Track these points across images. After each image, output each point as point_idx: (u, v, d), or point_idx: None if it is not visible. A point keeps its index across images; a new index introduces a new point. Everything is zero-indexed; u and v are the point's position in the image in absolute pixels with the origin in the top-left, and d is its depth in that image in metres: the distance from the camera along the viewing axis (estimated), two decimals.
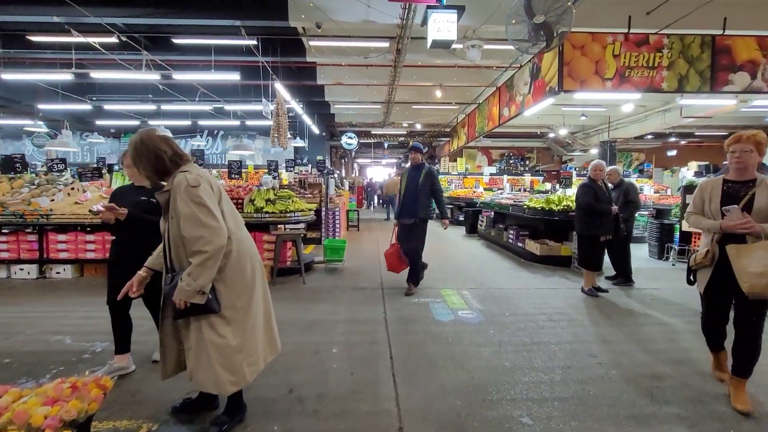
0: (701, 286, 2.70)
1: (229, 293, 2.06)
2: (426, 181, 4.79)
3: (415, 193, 4.80)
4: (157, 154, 2.03)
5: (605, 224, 4.87)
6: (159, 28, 7.33)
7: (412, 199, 4.82)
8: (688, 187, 7.45)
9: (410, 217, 4.86)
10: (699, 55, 6.81)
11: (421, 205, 4.80)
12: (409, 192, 4.86)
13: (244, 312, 2.11)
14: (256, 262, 2.23)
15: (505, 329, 3.78)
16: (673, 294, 5.09)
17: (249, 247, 2.19)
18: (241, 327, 2.09)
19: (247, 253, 2.15)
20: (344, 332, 3.67)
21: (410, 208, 4.85)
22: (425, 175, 4.80)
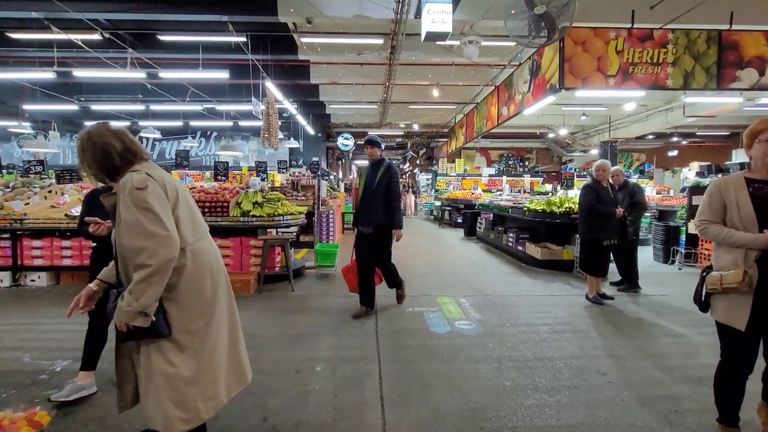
0: (724, 316, 2.07)
1: (182, 315, 1.76)
2: (383, 180, 4.03)
3: (372, 195, 4.01)
4: (104, 150, 1.74)
5: (609, 227, 4.60)
6: (144, 24, 7.05)
7: (369, 202, 4.04)
8: (695, 188, 7.21)
9: (367, 225, 4.06)
10: (705, 50, 6.56)
11: (379, 210, 4.01)
12: (365, 194, 4.08)
13: (201, 337, 1.81)
14: (220, 278, 1.93)
15: (505, 342, 3.49)
16: (682, 301, 4.81)
17: (210, 259, 1.89)
18: (196, 355, 1.79)
19: (206, 268, 1.85)
20: (331, 347, 3.38)
21: (367, 214, 4.05)
22: (383, 173, 4.03)
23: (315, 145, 16.26)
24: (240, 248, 5.41)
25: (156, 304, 1.64)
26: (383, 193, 4.02)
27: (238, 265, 5.42)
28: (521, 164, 20.72)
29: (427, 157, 23.71)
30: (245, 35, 7.22)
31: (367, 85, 10.42)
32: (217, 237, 5.43)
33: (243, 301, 4.66)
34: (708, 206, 2.14)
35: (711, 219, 2.12)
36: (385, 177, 4.03)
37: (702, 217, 2.16)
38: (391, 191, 4.04)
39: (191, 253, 1.80)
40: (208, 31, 7.12)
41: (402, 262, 7.15)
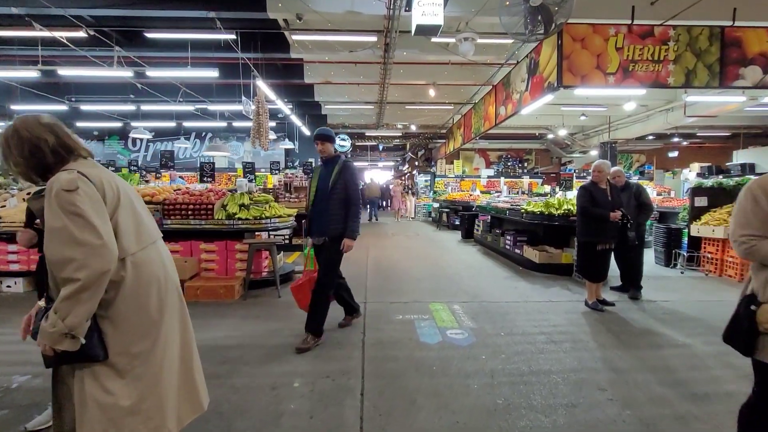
0: None
1: (120, 335, 1.55)
2: (339, 181, 3.38)
3: (325, 198, 3.39)
4: (34, 145, 1.53)
5: (605, 231, 4.38)
6: (129, 21, 6.85)
7: (322, 207, 3.41)
8: (697, 188, 7.00)
9: (319, 234, 3.43)
10: (707, 47, 6.36)
11: (333, 217, 3.36)
12: (318, 198, 3.46)
13: (143, 360, 1.59)
14: (168, 292, 1.71)
15: (499, 354, 3.27)
16: (686, 307, 4.60)
17: (157, 272, 1.67)
18: (138, 380, 1.57)
19: (151, 281, 1.63)
20: (312, 359, 3.16)
21: (320, 221, 3.42)
22: (338, 173, 3.39)
23: (311, 146, 16.00)
24: (225, 252, 5.20)
25: (86, 325, 1.42)
26: (339, 196, 3.39)
27: (223, 270, 5.21)
28: (520, 165, 20.52)
29: (426, 159, 23.52)
30: (235, 32, 7.03)
31: (363, 84, 10.21)
32: (201, 241, 5.24)
33: (225, 308, 4.45)
34: (753, 215, 1.58)
35: (761, 233, 1.56)
36: (342, 177, 3.39)
37: (745, 231, 1.59)
38: (350, 195, 3.41)
39: (133, 265, 1.58)
40: (196, 28, 6.92)
41: (397, 265, 6.97)
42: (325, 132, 3.49)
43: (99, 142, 15.61)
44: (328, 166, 3.47)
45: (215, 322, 4.02)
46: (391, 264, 7.10)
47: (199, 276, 5.12)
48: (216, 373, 2.88)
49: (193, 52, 7.50)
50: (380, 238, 10.64)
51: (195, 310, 4.40)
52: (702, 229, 6.48)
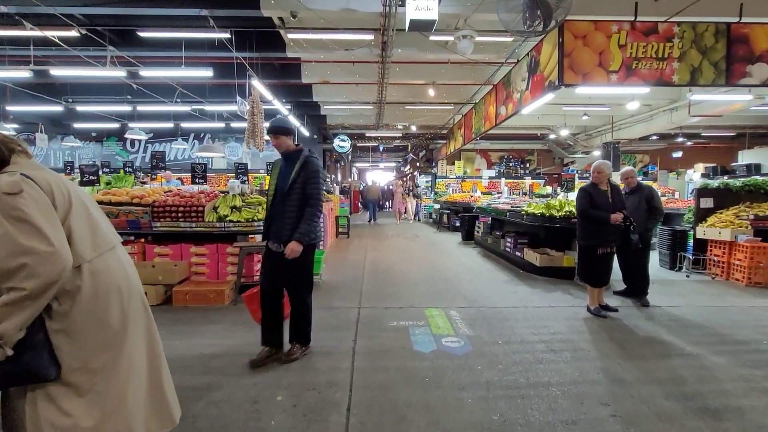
0: None
1: (77, 350, 1.42)
2: (298, 179, 2.94)
3: (284, 199, 2.97)
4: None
5: (606, 234, 4.21)
6: (122, 20, 6.73)
7: (280, 209, 3.00)
8: (703, 189, 6.82)
9: (276, 239, 3.01)
10: (713, 44, 6.17)
11: (292, 220, 2.96)
12: (276, 198, 3.07)
13: (105, 375, 1.46)
14: (132, 300, 1.58)
15: (496, 364, 3.11)
16: (692, 313, 4.42)
17: (117, 280, 1.54)
18: (99, 398, 1.44)
19: (112, 290, 1.51)
20: (298, 370, 3.01)
21: (277, 225, 3.02)
22: (298, 170, 2.95)
23: (310, 147, 15.80)
24: (216, 256, 5.06)
25: (18, 336, 1.28)
26: (298, 196, 2.96)
27: (214, 274, 5.07)
28: (522, 166, 20.35)
29: (427, 159, 23.37)
30: (229, 31, 6.90)
31: (361, 84, 10.07)
32: (192, 244, 5.11)
33: (215, 313, 4.32)
34: None
35: None
36: (301, 175, 2.95)
37: None
38: (308, 194, 2.96)
39: (90, 273, 1.45)
40: (189, 27, 6.80)
41: (393, 267, 6.82)
42: (279, 124, 3.03)
43: (97, 144, 15.55)
44: (290, 162, 3.03)
45: (203, 329, 3.88)
46: (388, 267, 6.95)
47: (190, 280, 4.98)
48: (197, 385, 2.74)
49: (187, 52, 7.38)
50: (379, 240, 10.49)
51: (183, 316, 4.30)
52: (708, 231, 6.30)
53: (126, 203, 4.92)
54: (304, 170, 2.97)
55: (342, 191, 18.12)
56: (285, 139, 3.01)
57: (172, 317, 4.23)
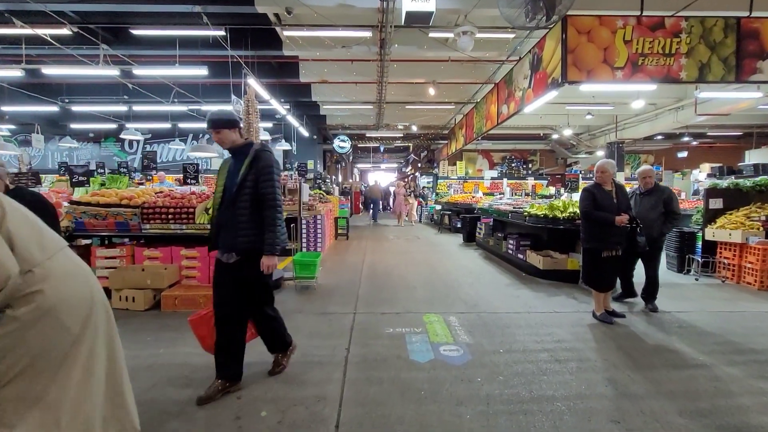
0: None
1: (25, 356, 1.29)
2: (248, 177, 2.54)
3: (234, 201, 2.56)
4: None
5: (611, 236, 4.01)
6: (115, 18, 6.60)
7: (229, 214, 2.58)
8: (711, 190, 6.60)
9: (227, 249, 2.60)
10: (722, 40, 5.96)
11: (242, 225, 2.54)
12: (224, 201, 2.63)
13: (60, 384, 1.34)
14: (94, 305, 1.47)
15: (496, 375, 2.93)
16: (703, 319, 4.22)
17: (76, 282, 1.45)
18: (53, 407, 1.31)
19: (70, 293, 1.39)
20: (286, 381, 2.84)
21: (227, 232, 2.59)
22: (248, 166, 2.54)
23: (310, 148, 15.77)
24: (207, 259, 4.89)
25: None
26: (250, 197, 2.54)
27: (205, 278, 4.91)
28: (524, 166, 20.14)
29: (428, 160, 23.19)
30: (224, 29, 6.75)
31: (360, 83, 9.91)
32: (182, 246, 4.95)
33: None
34: None
35: None
36: (252, 172, 2.53)
37: None
38: (263, 194, 2.53)
39: (43, 277, 1.34)
40: (183, 24, 6.65)
41: (392, 270, 6.64)
42: (217, 116, 2.59)
43: (95, 144, 15.44)
44: (238, 159, 2.60)
45: (190, 336, 3.65)
46: (387, 269, 6.77)
47: (180, 284, 4.82)
48: (177, 399, 2.57)
49: (181, 50, 7.24)
50: (379, 242, 10.31)
51: (172, 322, 4.12)
52: (718, 233, 6.09)
53: (114, 205, 4.77)
54: (254, 166, 2.52)
55: (343, 192, 17.98)
56: (228, 133, 2.58)
57: (161, 323, 4.07)
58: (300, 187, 5.95)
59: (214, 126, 2.58)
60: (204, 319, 2.72)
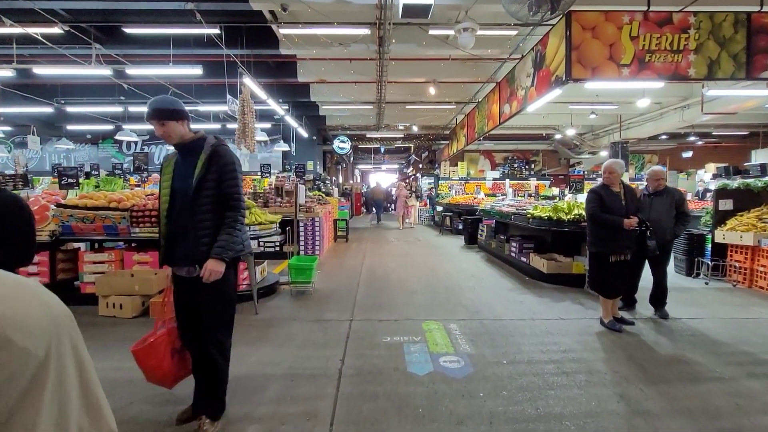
0: None
1: None
2: (209, 176, 2.19)
3: (188, 206, 2.18)
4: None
5: (619, 240, 3.81)
6: (107, 16, 6.45)
7: (184, 219, 2.19)
8: (721, 191, 6.40)
9: (186, 261, 2.22)
10: (732, 35, 5.77)
11: (205, 232, 2.19)
12: (176, 205, 2.23)
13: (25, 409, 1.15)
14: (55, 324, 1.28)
15: (500, 390, 2.74)
16: (716, 326, 4.02)
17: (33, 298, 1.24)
18: None
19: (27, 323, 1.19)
20: (275, 397, 2.66)
21: (184, 241, 2.20)
22: (206, 164, 2.18)
23: (309, 149, 15.61)
24: None
25: None
26: (211, 200, 2.20)
27: None
28: (527, 167, 19.93)
29: (429, 161, 23.01)
30: (218, 27, 6.58)
31: (359, 83, 9.74)
32: None
33: None
34: None
35: None
36: (212, 170, 2.19)
37: None
38: (229, 195, 2.21)
39: None
40: (177, 23, 6.49)
41: (392, 274, 6.45)
42: (163, 105, 2.17)
43: (93, 146, 15.31)
44: (189, 156, 2.22)
45: None
46: (386, 273, 6.58)
47: (170, 289, 4.63)
48: (155, 418, 2.40)
49: (177, 50, 7.09)
50: (379, 244, 10.13)
51: None
52: (728, 236, 5.88)
53: (102, 208, 4.60)
54: (214, 163, 2.19)
55: (343, 193, 17.81)
56: (175, 125, 2.19)
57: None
58: (296, 189, 5.77)
59: (158, 117, 2.15)
60: (152, 349, 2.20)
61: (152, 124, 2.21)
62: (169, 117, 2.18)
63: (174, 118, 2.19)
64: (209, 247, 2.18)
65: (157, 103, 2.18)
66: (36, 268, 4.65)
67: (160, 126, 2.18)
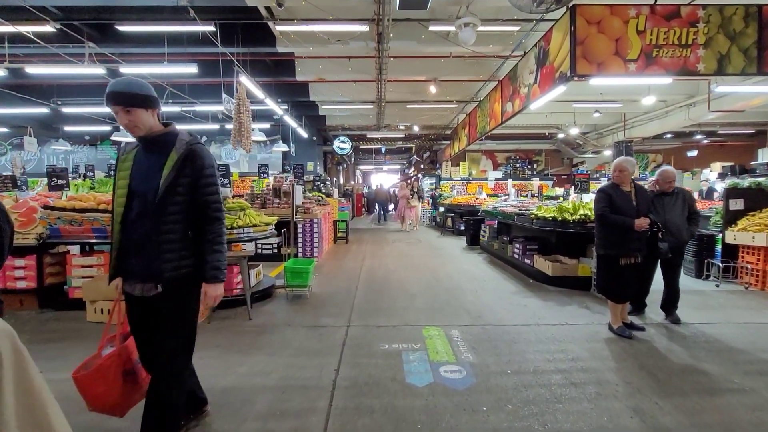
0: None
1: None
2: (182, 180, 1.84)
3: (151, 212, 1.81)
4: None
5: (630, 242, 3.62)
6: (99, 13, 6.30)
7: (145, 227, 1.83)
8: (731, 190, 6.20)
9: (144, 277, 1.85)
10: (743, 29, 5.58)
11: (171, 246, 1.84)
12: (135, 210, 1.85)
13: None
14: None
15: (504, 403, 2.56)
16: (730, 332, 3.83)
17: None
18: None
19: None
20: (264, 411, 2.49)
21: (145, 253, 1.83)
22: (179, 165, 1.83)
23: (309, 149, 15.46)
24: None
25: None
26: (181, 208, 1.85)
27: None
28: (529, 167, 19.73)
29: (431, 161, 22.83)
30: (213, 24, 6.43)
31: (359, 82, 9.58)
32: None
33: None
34: None
35: None
36: (186, 173, 1.83)
37: None
38: (208, 203, 1.90)
39: None
40: (172, 20, 6.35)
41: (392, 277, 6.28)
42: (129, 88, 1.77)
43: (91, 147, 15.21)
44: (155, 152, 1.86)
45: None
46: (386, 275, 6.41)
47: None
48: None
49: (171, 48, 6.94)
50: (380, 245, 9.96)
51: None
52: (739, 236, 5.68)
53: (91, 209, 4.45)
54: (189, 165, 1.83)
55: (345, 194, 17.64)
56: (143, 114, 1.80)
57: None
58: (293, 190, 5.61)
59: (123, 102, 1.76)
60: (102, 371, 1.85)
61: (114, 111, 1.79)
62: (139, 104, 1.79)
63: (143, 105, 1.80)
64: (174, 264, 1.82)
65: (122, 85, 1.77)
66: (23, 272, 4.50)
67: (125, 114, 1.78)
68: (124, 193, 1.85)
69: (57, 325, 4.10)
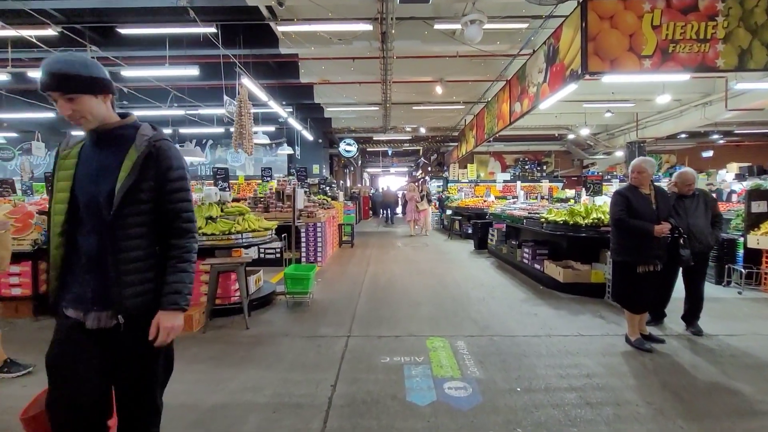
0: None
1: None
2: (144, 185, 1.45)
3: (108, 224, 1.41)
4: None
5: (649, 248, 3.37)
6: (101, 16, 6.24)
7: (98, 243, 1.43)
8: (754, 191, 5.90)
9: (100, 305, 1.43)
10: (765, 22, 5.30)
11: (132, 266, 1.44)
12: (84, 220, 1.44)
13: None
14: None
15: (513, 426, 2.35)
16: (758, 345, 3.56)
17: None
18: None
19: None
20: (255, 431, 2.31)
21: (99, 274, 1.43)
22: (140, 165, 1.43)
23: (315, 152, 15.35)
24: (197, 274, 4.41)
25: None
26: (144, 219, 1.48)
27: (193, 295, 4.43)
28: (539, 169, 19.39)
29: (438, 163, 22.61)
30: (215, 25, 6.33)
31: (364, 83, 9.43)
32: None
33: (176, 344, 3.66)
34: None
35: None
36: (150, 176, 1.46)
37: None
38: (178, 213, 1.53)
39: None
40: (172, 22, 6.26)
41: (396, 282, 6.08)
42: (68, 68, 1.34)
43: None
44: (108, 148, 1.47)
45: None
46: (390, 281, 6.22)
47: None
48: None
49: (173, 50, 6.86)
50: (385, 249, 9.76)
51: None
52: (763, 240, 5.38)
53: None
54: (153, 166, 1.47)
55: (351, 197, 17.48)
56: (91, 101, 1.40)
57: None
58: (294, 193, 5.46)
59: (62, 87, 1.34)
60: (38, 422, 1.50)
61: (53, 98, 1.38)
62: (84, 88, 1.37)
63: (91, 91, 1.39)
64: (138, 289, 1.44)
65: (60, 64, 1.34)
66: (18, 279, 4.40)
67: (67, 101, 1.36)
68: (66, 198, 1.44)
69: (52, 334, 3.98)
